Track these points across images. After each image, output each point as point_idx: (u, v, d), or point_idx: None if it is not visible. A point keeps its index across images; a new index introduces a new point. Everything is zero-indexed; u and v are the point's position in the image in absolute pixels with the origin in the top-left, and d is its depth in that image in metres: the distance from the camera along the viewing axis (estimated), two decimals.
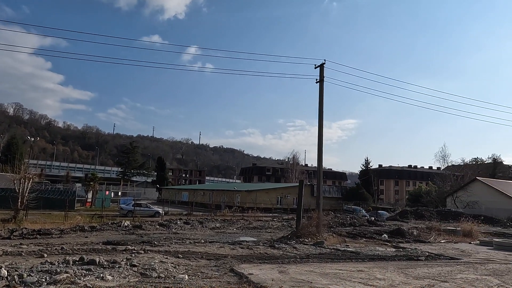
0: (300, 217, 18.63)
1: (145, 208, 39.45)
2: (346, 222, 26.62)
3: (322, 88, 19.61)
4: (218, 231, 21.13)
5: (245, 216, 34.21)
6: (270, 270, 9.78)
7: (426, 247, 16.21)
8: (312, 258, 12.26)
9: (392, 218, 38.78)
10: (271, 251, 13.54)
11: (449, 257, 13.27)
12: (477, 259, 12.89)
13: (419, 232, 22.46)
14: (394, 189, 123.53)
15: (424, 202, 59.11)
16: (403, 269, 10.52)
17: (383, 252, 14.27)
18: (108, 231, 18.85)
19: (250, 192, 58.45)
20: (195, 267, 10.05)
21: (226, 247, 13.96)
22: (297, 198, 19.31)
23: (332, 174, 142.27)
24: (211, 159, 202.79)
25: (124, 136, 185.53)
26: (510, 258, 13.51)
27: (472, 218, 30.59)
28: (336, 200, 70.10)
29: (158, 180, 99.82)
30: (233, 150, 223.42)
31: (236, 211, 36.98)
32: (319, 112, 19.60)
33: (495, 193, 50.76)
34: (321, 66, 19.79)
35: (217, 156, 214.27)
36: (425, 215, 38.90)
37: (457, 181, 61.51)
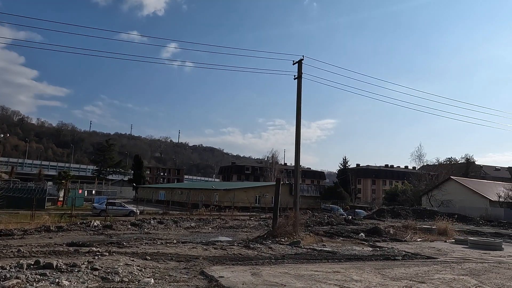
0: (276, 216, 18.21)
1: (119, 207, 38.30)
2: (324, 221, 26.42)
3: (300, 85, 19.25)
4: (192, 231, 20.49)
5: (222, 215, 33.63)
6: (242, 272, 9.27)
7: (402, 246, 16.07)
8: (288, 258, 11.83)
9: (369, 216, 38.95)
10: (246, 251, 13.04)
11: (426, 256, 13.11)
12: (453, 258, 12.77)
13: (395, 231, 22.44)
14: (371, 188, 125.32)
15: (400, 201, 59.96)
16: (380, 270, 10.22)
17: (360, 252, 14.00)
18: (75, 232, 17.92)
19: (228, 191, 57.84)
20: (163, 270, 9.44)
21: (199, 247, 13.37)
22: (274, 197, 18.87)
23: (311, 173, 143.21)
24: (190, 158, 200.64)
25: (101, 134, 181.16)
26: (486, 257, 13.47)
27: (447, 216, 30.99)
28: (314, 199, 70.35)
29: (135, 178, 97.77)
30: (213, 149, 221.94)
31: (213, 210, 36.32)
32: (297, 109, 19.23)
33: (468, 192, 51.96)
34: (299, 63, 19.42)
35: (197, 154, 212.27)
36: (401, 213, 39.28)
37: (432, 180, 62.72)
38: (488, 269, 10.92)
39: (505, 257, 13.81)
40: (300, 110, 19.17)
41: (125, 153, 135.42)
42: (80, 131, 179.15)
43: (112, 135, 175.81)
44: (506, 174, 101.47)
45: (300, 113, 19.16)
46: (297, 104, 19.23)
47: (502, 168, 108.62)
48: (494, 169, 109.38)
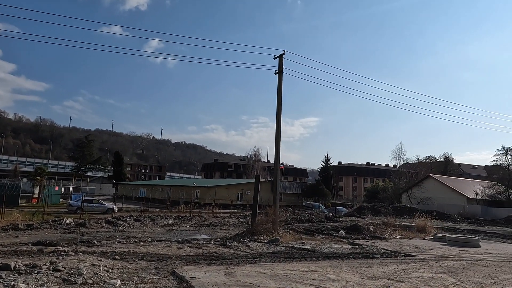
0: (255, 213, 17.85)
1: (96, 205, 37.25)
2: (304, 219, 26.24)
3: (281, 80, 18.89)
4: (170, 229, 19.94)
5: (203, 213, 33.09)
6: (216, 272, 8.86)
7: (382, 244, 15.95)
8: (265, 257, 11.48)
9: (350, 214, 39.10)
10: (222, 250, 12.62)
11: (405, 254, 12.97)
12: (432, 256, 12.66)
13: (375, 228, 22.42)
14: (353, 186, 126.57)
15: (380, 198, 60.54)
16: (358, 268, 9.97)
17: (339, 250, 13.77)
18: (45, 230, 17.15)
19: (209, 188, 57.26)
20: (132, 270, 8.94)
21: (173, 246, 12.88)
22: (253, 194, 18.50)
23: (294, 170, 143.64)
24: (172, 155, 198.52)
25: (81, 129, 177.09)
26: (463, 254, 13.43)
27: (426, 213, 31.29)
28: (296, 196, 70.46)
29: (115, 175, 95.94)
30: (196, 146, 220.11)
31: (193, 207, 35.73)
32: (278, 104, 18.88)
33: (446, 189, 52.84)
34: (280, 57, 19.06)
35: (179, 151, 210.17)
36: (382, 211, 39.57)
37: (412, 178, 63.58)
38: (466, 267, 10.82)
39: (482, 254, 13.82)
40: (281, 106, 18.84)
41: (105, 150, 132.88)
42: (60, 127, 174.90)
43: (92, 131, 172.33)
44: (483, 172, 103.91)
45: (281, 109, 18.83)
46: (278, 99, 18.88)
47: (479, 166, 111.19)
48: (471, 168, 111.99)
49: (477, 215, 42.17)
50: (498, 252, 14.72)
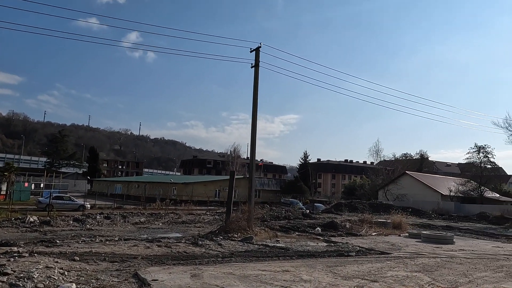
0: (230, 210, 17.34)
1: (67, 201, 35.88)
2: (281, 215, 25.92)
3: (257, 74, 18.39)
4: (141, 227, 19.20)
5: (178, 210, 32.36)
6: (181, 274, 8.30)
7: (357, 241, 15.74)
8: (236, 256, 10.99)
9: (327, 210, 39.11)
10: (192, 249, 12.06)
11: (380, 251, 12.75)
12: (406, 253, 12.48)
13: (351, 225, 22.29)
14: (331, 183, 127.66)
15: (358, 195, 61.08)
16: (332, 268, 9.61)
17: (313, 248, 13.44)
18: (5, 229, 16.14)
19: (187, 185, 56.35)
20: (91, 273, 8.29)
21: (141, 245, 12.23)
22: (228, 190, 17.97)
23: (273, 167, 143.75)
24: (151, 151, 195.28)
25: (56, 124, 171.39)
26: (438, 251, 13.33)
27: (401, 210, 31.50)
28: (274, 193, 70.33)
29: (90, 171, 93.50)
30: (175, 142, 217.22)
31: (169, 204, 34.91)
32: (254, 98, 18.37)
33: (422, 186, 53.72)
34: (257, 50, 18.55)
35: (158, 148, 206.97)
36: (358, 207, 39.77)
37: (389, 175, 64.38)
38: (440, 265, 10.64)
39: (457, 251, 13.76)
40: (257, 100, 18.34)
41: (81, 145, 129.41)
42: (33, 122, 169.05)
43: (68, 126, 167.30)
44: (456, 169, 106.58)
45: (257, 103, 18.33)
46: (254, 93, 18.38)
47: (452, 164, 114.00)
48: (445, 165, 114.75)
49: (451, 211, 42.98)
50: (471, 248, 14.72)
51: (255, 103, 18.35)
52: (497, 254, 13.46)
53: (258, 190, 69.72)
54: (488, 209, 41.71)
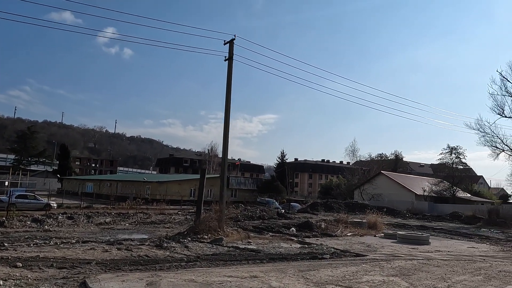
0: (200, 210, 16.45)
1: (32, 200, 33.97)
2: (255, 215, 25.20)
3: (231, 67, 17.57)
4: (105, 227, 18.02)
5: (150, 209, 31.17)
6: (136, 282, 7.40)
7: (332, 242, 15.17)
8: (202, 260, 10.15)
9: (303, 210, 38.72)
10: (155, 252, 11.13)
11: (355, 253, 12.18)
12: (382, 255, 11.96)
13: (327, 225, 21.82)
14: (308, 182, 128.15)
15: (334, 195, 61.14)
16: (304, 272, 8.91)
17: (286, 250, 12.74)
18: None
19: (161, 184, 54.87)
20: (32, 281, 7.28)
21: (99, 248, 11.20)
22: (198, 189, 17.07)
23: (251, 166, 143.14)
24: (127, 149, 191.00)
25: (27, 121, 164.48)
26: (414, 253, 12.89)
27: (377, 209, 31.41)
28: (251, 192, 69.64)
29: (61, 169, 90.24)
30: (152, 141, 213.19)
31: (141, 203, 33.58)
32: (227, 92, 17.54)
33: (396, 186, 54.23)
34: (231, 43, 17.73)
35: (134, 146, 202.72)
36: (334, 207, 39.57)
37: (364, 175, 64.84)
38: (417, 268, 10.13)
39: (433, 252, 13.38)
40: (230, 94, 17.52)
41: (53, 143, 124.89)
42: (3, 118, 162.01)
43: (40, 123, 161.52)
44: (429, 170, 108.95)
45: (230, 98, 17.52)
46: (227, 87, 17.55)
47: (426, 164, 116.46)
48: (419, 166, 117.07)
49: (425, 211, 43.43)
50: (447, 249, 14.40)
51: (228, 98, 17.53)
52: (473, 255, 13.15)
53: (235, 189, 68.90)
54: (460, 208, 42.36)
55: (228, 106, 17.53)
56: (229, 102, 17.53)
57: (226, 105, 17.51)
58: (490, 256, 13.01)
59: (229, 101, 17.52)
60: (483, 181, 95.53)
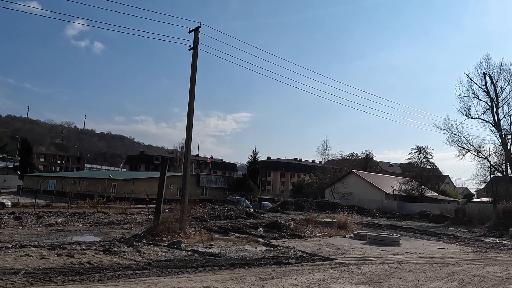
0: (159, 210, 15.21)
1: None
2: (222, 215, 24.10)
3: (196, 57, 16.39)
4: (54, 229, 16.43)
5: (113, 208, 29.48)
6: None
7: (300, 244, 14.32)
8: (153, 268, 9.00)
9: (274, 209, 37.97)
10: (101, 258, 9.88)
11: (323, 257, 11.35)
12: (352, 259, 11.18)
13: (296, 225, 21.04)
14: (280, 181, 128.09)
15: (305, 193, 60.85)
16: (266, 281, 7.94)
17: (250, 253, 11.76)
18: None
19: (127, 181, 52.77)
20: None
21: (35, 254, 9.82)
22: (158, 187, 15.82)
23: (223, 164, 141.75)
24: (96, 146, 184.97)
25: None
26: (385, 256, 12.21)
27: (347, 209, 31.07)
28: (222, 191, 68.46)
29: (22, 166, 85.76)
30: (123, 138, 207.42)
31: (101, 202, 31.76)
32: (191, 84, 16.34)
33: (367, 185, 54.50)
34: (196, 31, 16.55)
35: (104, 143, 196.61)
36: (305, 206, 39.05)
37: (336, 174, 65.00)
38: (389, 273, 9.38)
39: (404, 254, 12.76)
40: (194, 87, 16.34)
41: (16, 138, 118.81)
42: None
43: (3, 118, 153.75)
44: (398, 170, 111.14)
45: (194, 89, 16.34)
46: (191, 79, 16.35)
47: (395, 164, 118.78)
48: (388, 165, 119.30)
49: (394, 210, 43.67)
50: (418, 251, 13.85)
51: (192, 90, 16.34)
52: (444, 257, 12.63)
53: (205, 187, 67.53)
54: (428, 207, 42.87)
55: (192, 99, 16.36)
56: (193, 95, 16.35)
57: (190, 98, 16.33)
58: (462, 258, 12.53)
59: (193, 94, 16.34)
60: (449, 181, 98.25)
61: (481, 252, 14.54)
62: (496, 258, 13.07)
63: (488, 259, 12.81)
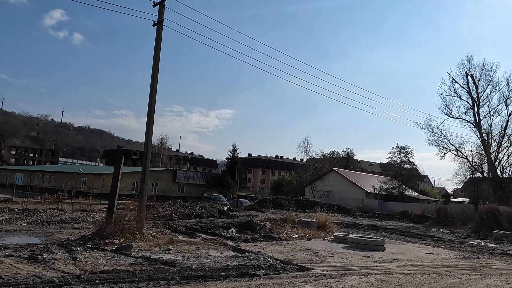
0: (113, 207, 13.20)
1: None
2: (193, 213, 22.19)
3: (160, 34, 14.38)
4: None
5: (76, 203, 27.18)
6: None
7: (274, 248, 12.58)
8: (80, 283, 7.05)
9: (251, 207, 36.25)
10: (21, 269, 7.86)
11: (298, 266, 9.62)
12: (331, 268, 9.49)
13: (272, 225, 19.33)
14: (261, 178, 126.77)
15: (285, 191, 59.48)
16: None
17: (213, 261, 9.93)
18: None
19: (98, 176, 50.04)
20: None
21: None
22: (112, 181, 13.78)
23: (203, 161, 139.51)
24: (74, 140, 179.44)
25: None
26: (369, 264, 10.58)
27: (327, 207, 29.71)
28: (200, 187, 66.48)
29: None
30: (102, 132, 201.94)
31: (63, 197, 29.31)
32: (154, 64, 14.32)
33: (348, 183, 53.44)
34: (161, 4, 14.53)
35: (82, 136, 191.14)
36: (284, 204, 37.50)
37: (316, 172, 63.84)
38: None
39: (390, 262, 11.17)
40: (158, 66, 14.33)
41: None
42: None
43: None
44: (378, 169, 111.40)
45: (158, 70, 14.32)
46: (155, 58, 14.33)
47: (375, 163, 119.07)
48: (368, 164, 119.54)
49: (375, 209, 42.65)
50: (405, 257, 12.32)
51: (155, 71, 14.32)
52: (435, 265, 11.11)
53: (182, 184, 65.33)
54: (409, 207, 41.99)
55: (155, 83, 14.34)
56: (156, 77, 14.33)
57: (152, 82, 14.31)
58: (454, 266, 11.05)
59: (156, 76, 14.32)
60: (428, 180, 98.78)
61: (472, 258, 13.14)
62: (491, 266, 11.65)
63: (483, 267, 11.39)
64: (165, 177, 62.29)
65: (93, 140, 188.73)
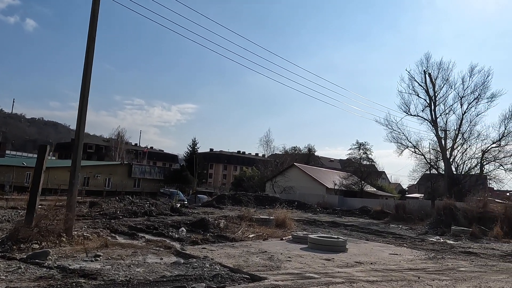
0: (34, 205, 11.11)
1: None
2: (141, 211, 20.22)
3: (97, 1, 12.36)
4: None
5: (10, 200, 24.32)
6: None
7: (224, 252, 11.07)
8: None
9: (208, 203, 34.61)
10: None
11: (249, 274, 8.16)
12: (288, 278, 8.10)
13: (227, 223, 17.84)
14: (222, 173, 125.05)
15: (245, 187, 58.29)
16: None
17: (147, 270, 8.25)
18: None
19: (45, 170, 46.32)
20: None
21: None
22: (33, 175, 11.69)
23: (163, 155, 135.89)
24: (25, 132, 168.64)
25: None
26: (330, 269, 9.33)
27: (287, 203, 28.72)
28: (157, 182, 63.98)
29: None
30: (56, 124, 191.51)
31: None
32: (89, 40, 12.29)
33: (308, 178, 53.05)
34: None
35: (35, 129, 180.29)
36: (243, 200, 36.17)
37: (278, 167, 63.15)
38: None
39: (354, 266, 9.99)
40: (94, 43, 12.29)
41: None
42: None
43: None
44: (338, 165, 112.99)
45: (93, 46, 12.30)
46: (90, 32, 12.28)
47: (335, 159, 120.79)
48: (329, 161, 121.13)
49: (335, 205, 42.39)
50: (369, 259, 11.23)
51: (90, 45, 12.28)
52: (402, 269, 10.07)
53: (138, 178, 62.53)
54: (368, 203, 42.06)
55: (90, 59, 12.32)
56: (91, 51, 12.29)
57: (87, 57, 12.26)
58: (422, 270, 10.08)
59: (91, 50, 12.29)
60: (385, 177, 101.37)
61: (437, 259, 12.33)
62: (459, 268, 10.82)
63: (450, 269, 10.52)
64: (119, 171, 59.19)
65: (46, 132, 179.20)
